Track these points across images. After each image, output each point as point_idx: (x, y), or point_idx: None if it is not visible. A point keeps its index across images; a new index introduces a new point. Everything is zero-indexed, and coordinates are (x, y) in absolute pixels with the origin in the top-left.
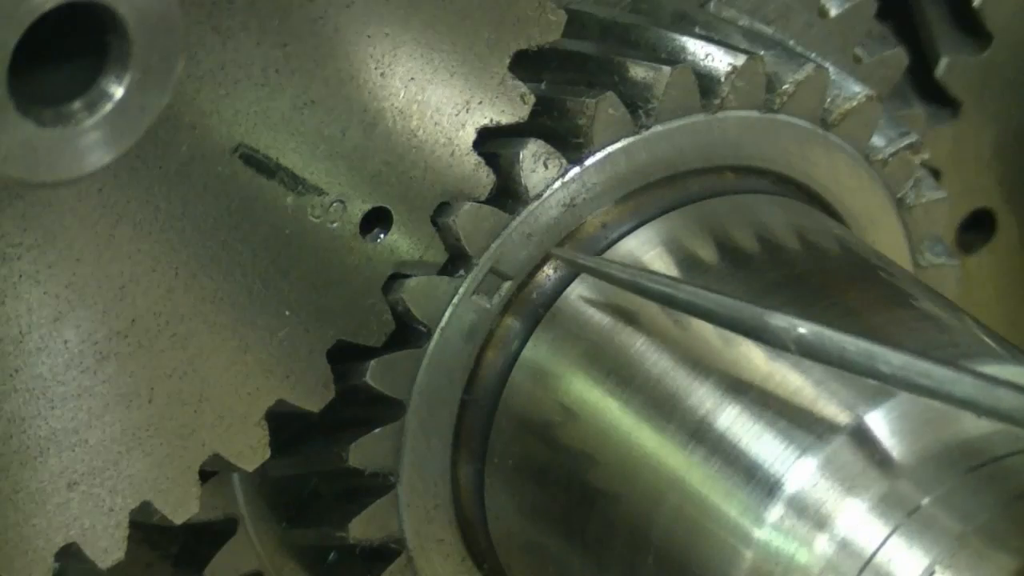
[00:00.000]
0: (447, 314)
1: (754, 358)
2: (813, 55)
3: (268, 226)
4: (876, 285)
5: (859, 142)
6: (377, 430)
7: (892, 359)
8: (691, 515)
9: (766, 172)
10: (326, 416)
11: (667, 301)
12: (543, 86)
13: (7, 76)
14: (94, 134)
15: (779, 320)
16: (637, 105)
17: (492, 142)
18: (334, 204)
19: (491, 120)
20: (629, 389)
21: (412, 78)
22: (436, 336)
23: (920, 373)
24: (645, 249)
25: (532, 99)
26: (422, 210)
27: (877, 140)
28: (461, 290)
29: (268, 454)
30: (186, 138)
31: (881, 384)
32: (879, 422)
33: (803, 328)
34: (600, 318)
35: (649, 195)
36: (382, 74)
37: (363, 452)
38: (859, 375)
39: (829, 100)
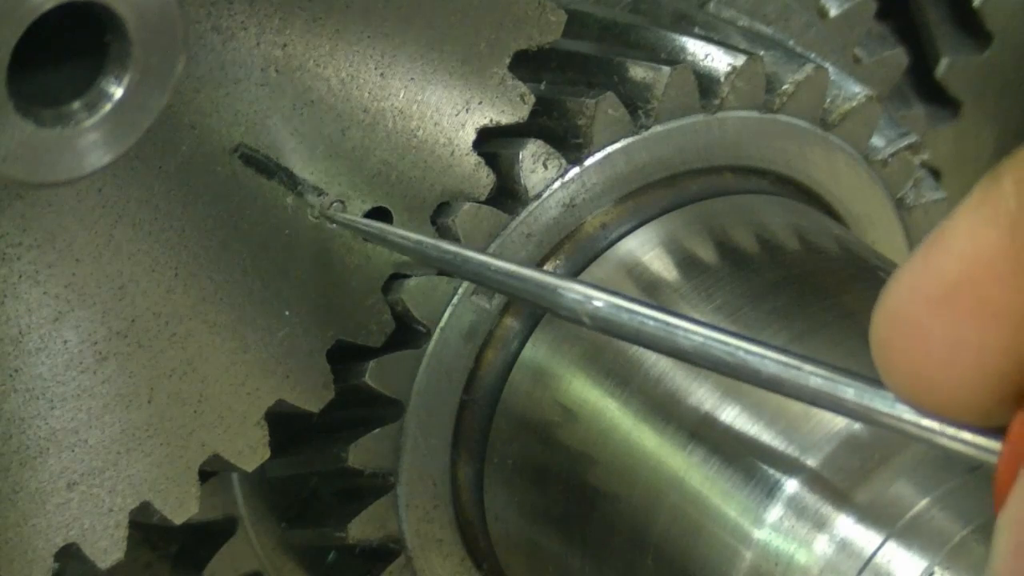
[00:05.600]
0: (446, 314)
1: None
2: (813, 55)
3: (268, 226)
4: (876, 285)
5: (859, 142)
6: (376, 430)
7: (694, 335)
8: (690, 515)
9: (766, 172)
10: (326, 416)
11: (454, 271)
12: (543, 86)
13: (7, 76)
14: (94, 134)
15: (573, 293)
16: (637, 105)
17: (492, 142)
18: (334, 204)
19: (491, 120)
20: (628, 389)
21: (412, 78)
22: (435, 336)
23: (724, 350)
24: (645, 249)
25: (532, 99)
26: (422, 210)
27: (877, 140)
28: (460, 290)
29: (268, 454)
30: (186, 138)
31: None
32: None
33: (598, 301)
34: None
35: (649, 195)
36: (382, 74)
37: (362, 452)
38: (659, 352)
39: (829, 100)
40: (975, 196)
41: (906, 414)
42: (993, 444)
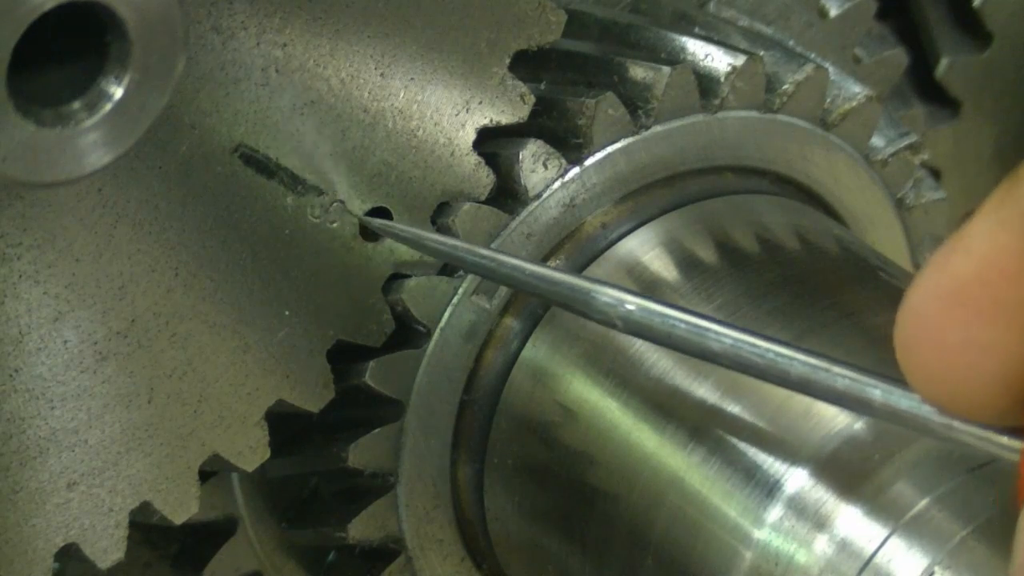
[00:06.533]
0: (447, 314)
1: None
2: (813, 55)
3: (268, 226)
4: (876, 285)
5: (859, 142)
6: (377, 430)
7: (724, 337)
8: (691, 515)
9: (766, 172)
10: (326, 416)
11: (487, 274)
12: (543, 86)
13: (7, 76)
14: (94, 134)
15: (606, 296)
16: (637, 105)
17: (492, 142)
18: (334, 204)
19: (491, 120)
20: (629, 389)
21: (412, 78)
22: (436, 336)
23: (754, 352)
24: (645, 249)
25: (532, 99)
26: (422, 210)
27: (877, 140)
28: (460, 290)
29: (268, 454)
30: (186, 138)
31: None
32: (879, 422)
33: (630, 304)
34: None
35: (649, 195)
36: (382, 74)
37: (363, 452)
38: (690, 355)
39: (829, 100)
40: (994, 198)
41: (931, 414)
42: (1015, 443)
